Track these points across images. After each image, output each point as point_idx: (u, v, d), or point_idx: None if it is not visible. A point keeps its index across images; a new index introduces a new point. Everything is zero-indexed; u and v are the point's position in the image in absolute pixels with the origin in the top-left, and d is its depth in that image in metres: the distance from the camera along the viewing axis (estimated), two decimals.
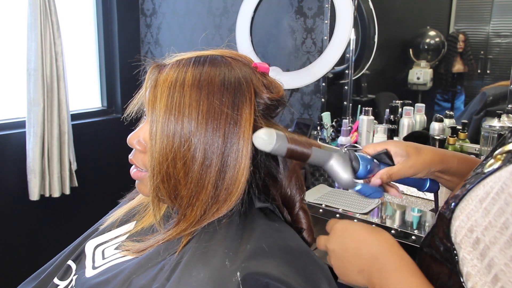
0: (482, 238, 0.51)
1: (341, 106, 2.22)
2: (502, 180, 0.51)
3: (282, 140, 0.64)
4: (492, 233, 0.50)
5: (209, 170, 0.65)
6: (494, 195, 0.51)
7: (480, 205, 0.52)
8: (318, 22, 2.25)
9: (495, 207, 0.51)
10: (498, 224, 0.50)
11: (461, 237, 0.53)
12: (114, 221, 0.83)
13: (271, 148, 0.63)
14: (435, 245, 0.58)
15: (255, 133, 0.64)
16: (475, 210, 0.53)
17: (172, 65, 0.69)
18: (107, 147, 2.75)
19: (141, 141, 0.71)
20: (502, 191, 0.50)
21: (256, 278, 0.59)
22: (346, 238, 0.64)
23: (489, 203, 0.51)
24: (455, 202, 0.56)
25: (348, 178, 0.67)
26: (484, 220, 0.51)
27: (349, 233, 0.64)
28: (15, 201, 2.38)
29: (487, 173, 0.54)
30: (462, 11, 2.01)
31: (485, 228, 0.51)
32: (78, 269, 0.78)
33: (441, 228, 0.57)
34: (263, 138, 0.63)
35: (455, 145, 1.77)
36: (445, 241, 0.56)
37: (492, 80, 1.92)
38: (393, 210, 1.68)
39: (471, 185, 0.55)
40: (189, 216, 0.67)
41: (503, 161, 0.54)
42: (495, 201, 0.51)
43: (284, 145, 0.64)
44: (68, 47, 2.49)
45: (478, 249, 0.52)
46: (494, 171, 0.53)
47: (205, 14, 2.66)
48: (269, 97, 0.69)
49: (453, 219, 0.55)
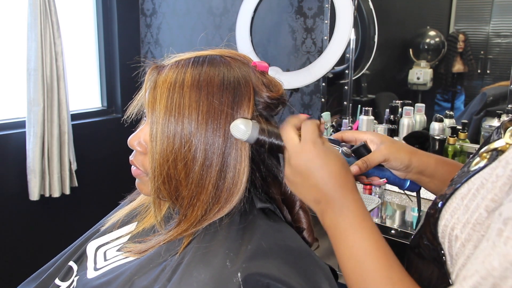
0: (460, 235, 0.51)
1: (341, 106, 2.22)
2: (483, 175, 0.51)
3: (255, 130, 0.64)
4: (467, 229, 0.50)
5: (210, 170, 0.65)
6: (474, 191, 0.51)
7: (462, 202, 0.52)
8: (318, 22, 2.25)
9: (474, 203, 0.50)
10: (472, 220, 0.50)
11: (447, 236, 0.53)
12: (115, 222, 0.83)
13: (247, 138, 0.64)
14: (423, 245, 0.58)
15: (233, 122, 0.65)
16: (457, 207, 0.52)
17: (171, 66, 0.68)
18: (107, 147, 2.75)
19: (141, 142, 0.71)
20: (482, 187, 0.50)
21: (257, 279, 0.59)
22: (317, 165, 0.60)
23: (470, 199, 0.51)
24: (442, 202, 0.55)
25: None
26: (464, 217, 0.51)
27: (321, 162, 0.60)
28: (15, 201, 2.38)
29: (473, 171, 0.53)
30: (462, 11, 2.01)
31: (463, 225, 0.51)
32: (79, 270, 0.78)
33: (428, 228, 0.57)
34: (240, 127, 0.64)
35: (455, 145, 1.77)
36: (432, 241, 0.56)
37: (492, 80, 1.92)
38: (393, 210, 1.68)
39: (458, 184, 0.54)
40: (190, 217, 0.67)
41: (489, 159, 0.53)
42: (475, 197, 0.51)
43: (255, 135, 0.64)
44: (68, 47, 2.49)
45: (455, 247, 0.51)
46: (480, 170, 0.53)
47: (205, 14, 2.66)
48: (269, 95, 0.69)
49: (439, 219, 0.55)
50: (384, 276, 0.54)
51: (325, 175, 0.60)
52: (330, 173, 0.60)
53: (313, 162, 0.61)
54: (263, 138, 0.65)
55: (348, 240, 0.57)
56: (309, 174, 0.61)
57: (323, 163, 0.60)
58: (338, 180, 0.60)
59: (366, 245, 0.56)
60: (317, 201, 0.61)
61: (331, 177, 0.60)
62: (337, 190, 0.59)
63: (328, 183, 0.60)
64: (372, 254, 0.56)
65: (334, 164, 0.61)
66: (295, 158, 0.62)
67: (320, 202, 0.60)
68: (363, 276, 0.55)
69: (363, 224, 0.58)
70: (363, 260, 0.55)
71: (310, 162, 0.61)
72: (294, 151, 0.63)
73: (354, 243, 0.57)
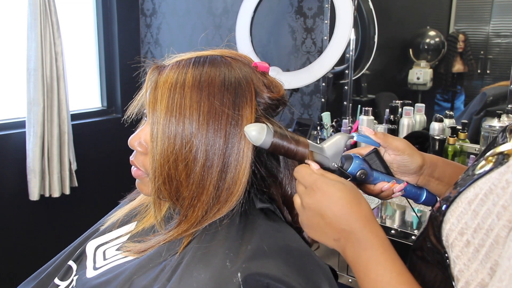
0: (472, 240, 0.50)
1: (341, 106, 2.22)
2: (491, 181, 0.50)
3: (269, 135, 0.63)
4: (480, 235, 0.50)
5: (211, 171, 0.65)
6: (482, 196, 0.51)
7: (469, 207, 0.52)
8: (318, 22, 2.25)
9: (483, 209, 0.50)
10: (485, 226, 0.49)
11: (452, 240, 0.53)
12: (115, 221, 0.82)
13: (261, 142, 0.63)
14: (426, 248, 0.58)
15: (246, 126, 0.64)
16: (464, 212, 0.52)
17: (172, 66, 0.68)
18: (107, 147, 2.75)
19: (142, 143, 0.70)
20: (491, 192, 0.50)
21: (257, 279, 0.59)
22: (325, 203, 0.60)
23: (478, 204, 0.51)
24: (446, 205, 0.55)
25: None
26: (473, 222, 0.51)
27: (329, 199, 0.60)
28: (15, 201, 2.38)
29: (478, 175, 0.53)
30: (462, 11, 2.01)
31: (474, 230, 0.50)
32: (79, 270, 0.78)
33: (432, 230, 0.56)
34: (253, 133, 0.63)
35: (455, 145, 1.77)
36: (436, 244, 0.55)
37: (492, 80, 1.92)
38: (393, 210, 1.68)
39: (462, 187, 0.54)
40: (190, 217, 0.67)
41: (494, 163, 0.53)
42: (484, 203, 0.50)
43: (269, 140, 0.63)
44: (68, 47, 2.49)
45: (468, 253, 0.51)
46: (485, 173, 0.52)
47: (205, 14, 2.66)
48: (270, 96, 0.69)
49: (444, 222, 0.54)
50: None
51: (337, 211, 0.59)
52: (342, 208, 0.59)
53: (321, 203, 0.60)
54: (279, 143, 0.65)
55: (371, 273, 0.56)
56: (322, 215, 0.60)
57: (331, 201, 0.59)
58: (351, 214, 0.59)
59: (388, 277, 0.55)
60: (336, 239, 0.60)
61: (343, 212, 0.59)
62: (353, 223, 0.58)
63: (342, 219, 0.59)
64: (396, 286, 0.55)
65: (342, 198, 0.59)
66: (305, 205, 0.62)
67: (339, 239, 0.60)
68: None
69: (385, 256, 0.57)
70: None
71: (319, 203, 0.60)
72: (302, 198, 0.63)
73: (377, 276, 0.56)
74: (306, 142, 0.67)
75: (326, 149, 0.68)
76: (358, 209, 0.59)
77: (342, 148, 0.69)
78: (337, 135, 0.70)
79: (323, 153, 0.68)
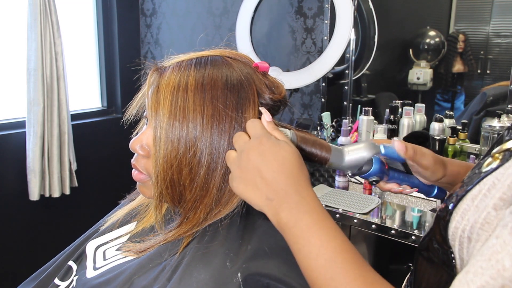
0: (471, 236, 0.49)
1: (341, 106, 2.22)
2: (495, 175, 0.50)
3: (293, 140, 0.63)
4: (475, 229, 0.49)
5: (215, 174, 0.64)
6: (485, 191, 0.50)
7: (472, 203, 0.51)
8: (318, 22, 2.25)
9: (484, 204, 0.49)
10: (480, 220, 0.48)
11: (457, 239, 0.52)
12: (115, 221, 0.82)
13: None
14: (432, 248, 0.57)
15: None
16: (467, 209, 0.51)
17: (173, 68, 0.67)
18: (107, 147, 2.75)
19: (144, 146, 0.69)
20: (493, 187, 0.49)
21: (257, 279, 0.59)
22: (268, 159, 0.57)
23: (480, 200, 0.50)
24: (453, 204, 0.53)
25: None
26: (473, 218, 0.49)
27: (272, 156, 0.57)
28: (15, 201, 2.38)
29: (486, 173, 0.52)
30: (462, 11, 2.01)
31: (472, 225, 0.49)
32: (79, 270, 0.78)
33: (438, 230, 0.55)
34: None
35: (455, 145, 1.77)
36: (442, 244, 0.54)
37: (492, 80, 1.93)
38: (393, 210, 1.68)
39: (469, 185, 0.53)
40: (192, 219, 0.67)
41: (501, 160, 0.52)
42: (485, 197, 0.49)
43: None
44: (68, 47, 2.49)
45: (469, 249, 0.50)
46: (492, 171, 0.51)
47: (205, 14, 2.66)
48: (272, 97, 0.69)
49: (450, 221, 0.53)
50: (357, 275, 0.52)
51: (278, 170, 0.56)
52: (283, 168, 0.56)
53: (263, 157, 0.57)
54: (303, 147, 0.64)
55: (314, 238, 0.54)
56: (260, 170, 0.56)
57: (274, 158, 0.57)
58: (292, 175, 0.56)
59: (334, 244, 0.53)
60: (270, 198, 0.56)
61: (284, 172, 0.56)
62: (293, 185, 0.56)
63: (281, 178, 0.56)
64: (342, 253, 0.53)
65: (286, 158, 0.57)
66: (245, 156, 0.59)
67: (273, 199, 0.56)
68: (334, 276, 0.52)
69: (327, 223, 0.55)
70: (334, 260, 0.52)
71: (259, 157, 0.57)
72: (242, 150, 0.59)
73: (322, 242, 0.53)
74: (329, 146, 0.66)
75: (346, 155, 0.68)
76: (300, 173, 0.57)
77: (364, 161, 0.68)
78: (363, 144, 0.69)
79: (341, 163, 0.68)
